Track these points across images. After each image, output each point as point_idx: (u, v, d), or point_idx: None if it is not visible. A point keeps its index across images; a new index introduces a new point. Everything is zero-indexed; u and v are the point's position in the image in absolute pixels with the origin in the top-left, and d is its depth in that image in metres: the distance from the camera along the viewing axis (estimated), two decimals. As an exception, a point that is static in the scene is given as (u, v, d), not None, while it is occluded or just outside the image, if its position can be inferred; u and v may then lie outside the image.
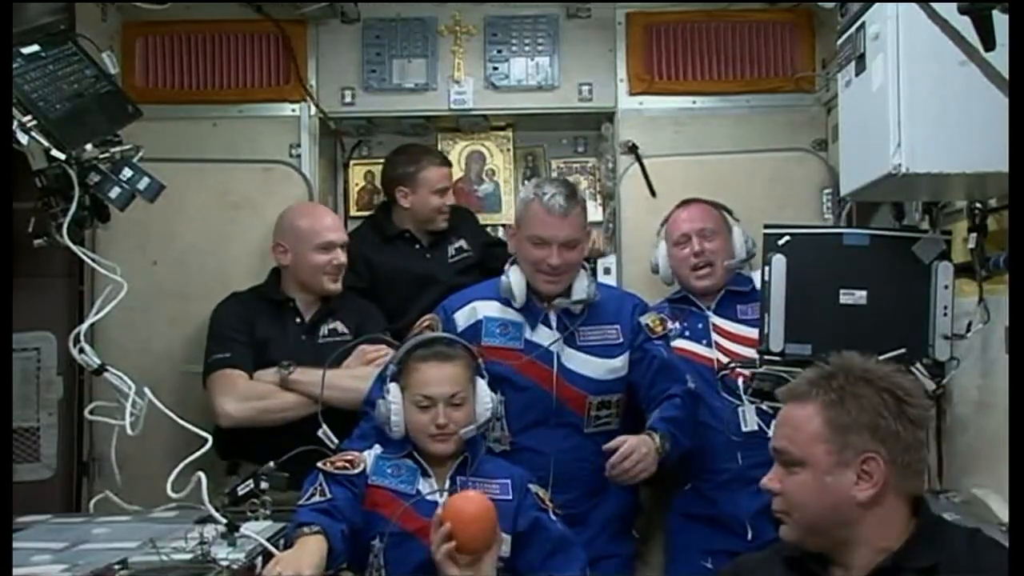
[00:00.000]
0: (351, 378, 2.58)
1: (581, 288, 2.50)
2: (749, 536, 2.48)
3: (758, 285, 2.45)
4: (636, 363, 2.52)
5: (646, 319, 2.57)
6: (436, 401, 2.20)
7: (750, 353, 2.47)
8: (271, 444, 2.48)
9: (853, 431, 1.49)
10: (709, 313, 2.69)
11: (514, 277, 2.50)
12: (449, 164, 3.23)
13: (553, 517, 2.23)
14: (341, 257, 2.78)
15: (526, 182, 3.46)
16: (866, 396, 1.51)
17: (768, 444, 2.37)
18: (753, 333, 2.46)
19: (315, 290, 2.80)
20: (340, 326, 2.81)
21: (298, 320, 2.81)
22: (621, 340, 2.53)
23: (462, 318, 2.52)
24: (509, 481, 2.23)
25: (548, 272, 2.45)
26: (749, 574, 1.68)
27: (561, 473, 2.43)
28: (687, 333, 2.68)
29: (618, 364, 2.52)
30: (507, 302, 2.51)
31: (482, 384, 2.29)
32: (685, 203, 2.79)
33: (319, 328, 2.81)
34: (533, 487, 2.24)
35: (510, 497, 2.21)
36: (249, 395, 2.65)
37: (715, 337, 2.64)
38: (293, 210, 2.87)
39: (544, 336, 2.49)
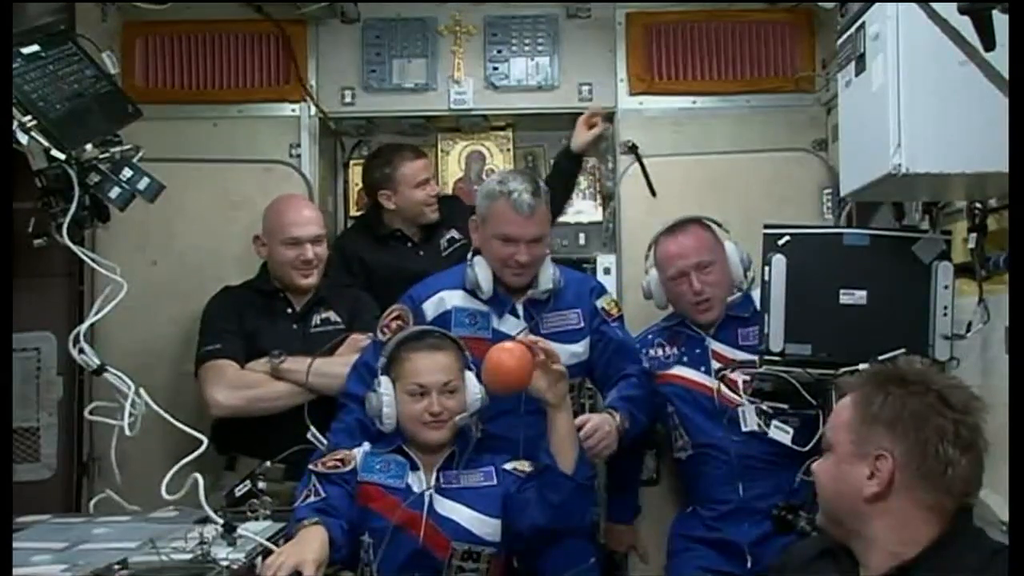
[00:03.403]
0: (342, 365, 2.57)
1: (547, 277, 2.52)
2: (748, 564, 2.46)
3: (759, 307, 2.39)
4: (593, 345, 2.57)
5: (602, 302, 2.61)
6: (430, 389, 2.25)
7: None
8: (269, 437, 2.49)
9: (874, 424, 1.49)
10: (707, 338, 2.60)
11: (480, 271, 2.50)
12: (424, 155, 3.20)
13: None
14: (308, 253, 2.75)
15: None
16: (897, 395, 1.50)
17: (767, 469, 2.44)
18: (753, 359, 2.41)
19: (287, 284, 2.80)
20: (333, 315, 2.81)
21: (289, 310, 2.82)
22: (582, 325, 2.56)
23: (431, 308, 2.53)
24: (492, 468, 2.29)
25: (516, 267, 2.48)
26: (794, 561, 1.70)
27: (528, 457, 2.45)
28: (685, 359, 2.61)
29: (580, 349, 2.55)
30: (474, 292, 2.52)
31: (470, 375, 2.32)
32: (672, 230, 2.63)
33: (311, 318, 2.81)
34: (509, 465, 2.30)
35: (495, 483, 2.27)
36: (239, 384, 2.65)
37: (715, 364, 2.57)
38: (272, 203, 2.87)
39: (511, 325, 2.50)
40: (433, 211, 3.11)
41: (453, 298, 2.53)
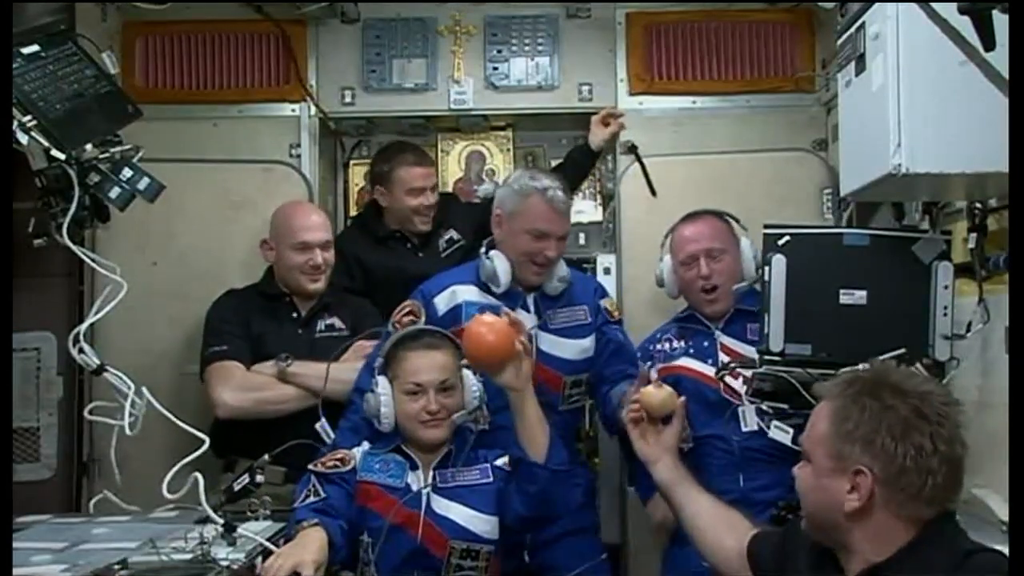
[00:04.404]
0: (350, 371, 2.57)
1: (562, 271, 2.58)
2: None
3: None
4: (595, 344, 2.60)
5: (605, 303, 2.67)
6: (426, 388, 2.25)
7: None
8: (268, 440, 2.48)
9: (851, 442, 1.47)
10: (716, 331, 2.60)
11: (499, 263, 2.52)
12: (427, 163, 3.11)
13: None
14: (318, 258, 2.76)
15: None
16: (872, 410, 1.47)
17: (769, 461, 2.44)
18: None
19: (295, 289, 2.80)
20: (337, 322, 2.82)
21: (294, 315, 2.82)
22: (589, 321, 2.61)
23: (442, 303, 2.55)
24: (487, 465, 2.29)
25: (543, 263, 2.51)
26: (792, 539, 1.70)
27: None
28: (692, 351, 2.60)
29: (587, 344, 2.60)
30: (485, 287, 2.54)
31: (468, 373, 2.32)
32: (690, 217, 2.68)
33: (315, 323, 2.81)
34: (499, 461, 2.30)
35: (491, 479, 2.27)
36: (247, 386, 2.66)
37: (722, 357, 2.56)
38: (280, 208, 2.87)
39: (523, 320, 2.49)
40: (424, 222, 3.05)
41: (465, 292, 2.55)
